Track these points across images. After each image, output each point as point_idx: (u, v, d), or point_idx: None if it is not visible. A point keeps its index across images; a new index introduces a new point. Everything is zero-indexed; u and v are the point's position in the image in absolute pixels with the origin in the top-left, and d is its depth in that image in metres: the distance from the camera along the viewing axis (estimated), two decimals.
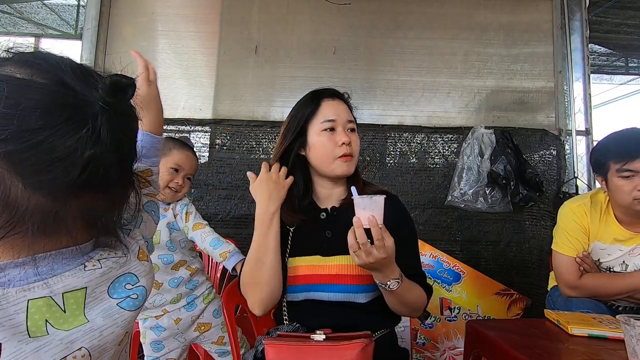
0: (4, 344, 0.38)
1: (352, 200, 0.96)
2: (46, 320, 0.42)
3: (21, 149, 0.40)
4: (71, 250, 0.46)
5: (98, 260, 0.49)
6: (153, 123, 0.81)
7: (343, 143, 1.01)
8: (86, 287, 0.46)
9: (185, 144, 1.56)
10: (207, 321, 1.56)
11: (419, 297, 1.00)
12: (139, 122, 0.53)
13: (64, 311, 0.43)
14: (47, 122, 0.40)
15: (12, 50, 0.46)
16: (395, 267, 0.90)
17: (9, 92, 0.40)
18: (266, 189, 1.01)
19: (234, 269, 1.51)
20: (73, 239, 0.47)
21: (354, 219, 0.86)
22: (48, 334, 0.41)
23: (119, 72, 0.46)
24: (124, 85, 0.45)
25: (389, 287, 0.89)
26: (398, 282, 0.90)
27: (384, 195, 0.88)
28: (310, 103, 1.06)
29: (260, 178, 1.03)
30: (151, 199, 0.74)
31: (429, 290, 1.03)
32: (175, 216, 1.57)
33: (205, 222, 1.59)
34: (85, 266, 0.47)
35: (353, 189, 0.93)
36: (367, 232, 0.85)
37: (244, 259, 1.15)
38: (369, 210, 0.85)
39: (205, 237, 1.54)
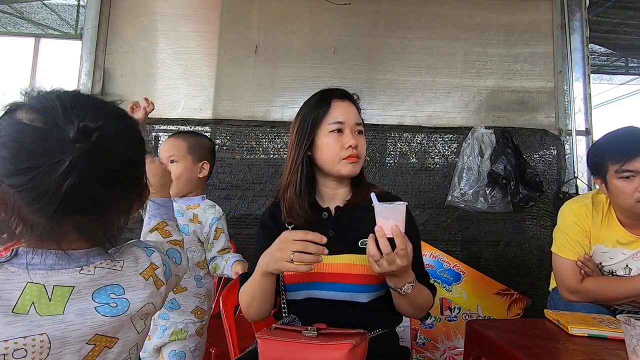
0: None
1: (357, 202, 0.96)
2: (32, 303, 0.51)
3: (19, 183, 0.50)
4: (71, 254, 0.56)
5: (94, 266, 0.58)
6: (156, 192, 0.89)
7: (350, 146, 1.01)
8: (74, 286, 0.55)
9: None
10: (165, 356, 1.36)
11: (427, 298, 1.01)
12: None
13: (50, 300, 0.52)
14: (35, 163, 0.49)
15: (31, 94, 0.55)
16: (411, 271, 0.90)
17: (13, 136, 0.50)
18: (274, 247, 0.88)
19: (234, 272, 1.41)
20: (70, 245, 0.56)
21: (376, 229, 0.85)
22: (27, 313, 0.50)
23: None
24: (91, 130, 0.53)
25: (404, 291, 0.89)
26: (413, 285, 0.90)
27: (405, 203, 0.87)
28: (321, 104, 1.05)
29: (291, 232, 0.89)
30: (173, 246, 0.81)
31: (434, 290, 1.04)
32: (194, 220, 1.42)
33: (229, 246, 1.47)
34: (81, 269, 0.56)
35: (373, 195, 0.91)
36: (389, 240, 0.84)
37: (243, 262, 1.12)
38: (392, 219, 0.84)
39: (229, 260, 1.42)
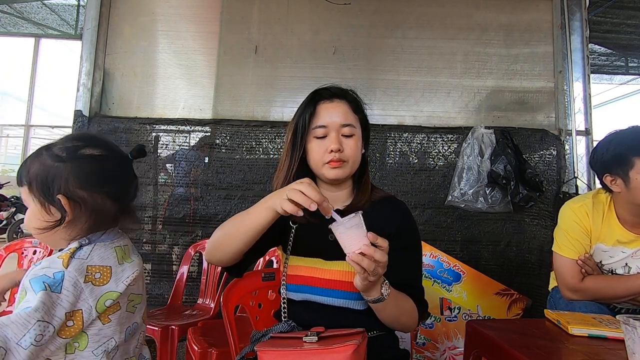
0: (113, 267, 0.80)
1: (358, 206, 0.95)
2: (122, 256, 0.84)
3: (109, 190, 0.83)
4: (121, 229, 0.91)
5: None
6: None
7: (332, 150, 0.98)
8: (127, 244, 0.89)
9: None
10: None
11: (410, 309, 0.96)
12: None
13: (125, 253, 0.86)
14: (120, 176, 0.86)
15: (85, 139, 0.85)
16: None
17: (98, 161, 0.83)
18: (284, 189, 0.87)
19: None
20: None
21: (347, 260, 0.81)
22: (123, 264, 0.83)
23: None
24: (143, 149, 0.93)
25: (384, 295, 0.86)
26: (387, 285, 0.87)
27: (360, 212, 0.83)
28: (308, 108, 1.04)
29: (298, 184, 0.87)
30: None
31: (422, 306, 0.99)
32: None
33: None
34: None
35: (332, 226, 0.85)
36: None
37: None
38: (352, 238, 0.82)
39: None
